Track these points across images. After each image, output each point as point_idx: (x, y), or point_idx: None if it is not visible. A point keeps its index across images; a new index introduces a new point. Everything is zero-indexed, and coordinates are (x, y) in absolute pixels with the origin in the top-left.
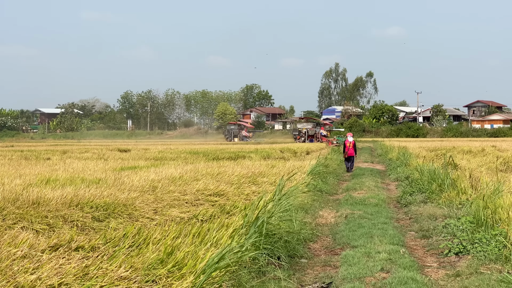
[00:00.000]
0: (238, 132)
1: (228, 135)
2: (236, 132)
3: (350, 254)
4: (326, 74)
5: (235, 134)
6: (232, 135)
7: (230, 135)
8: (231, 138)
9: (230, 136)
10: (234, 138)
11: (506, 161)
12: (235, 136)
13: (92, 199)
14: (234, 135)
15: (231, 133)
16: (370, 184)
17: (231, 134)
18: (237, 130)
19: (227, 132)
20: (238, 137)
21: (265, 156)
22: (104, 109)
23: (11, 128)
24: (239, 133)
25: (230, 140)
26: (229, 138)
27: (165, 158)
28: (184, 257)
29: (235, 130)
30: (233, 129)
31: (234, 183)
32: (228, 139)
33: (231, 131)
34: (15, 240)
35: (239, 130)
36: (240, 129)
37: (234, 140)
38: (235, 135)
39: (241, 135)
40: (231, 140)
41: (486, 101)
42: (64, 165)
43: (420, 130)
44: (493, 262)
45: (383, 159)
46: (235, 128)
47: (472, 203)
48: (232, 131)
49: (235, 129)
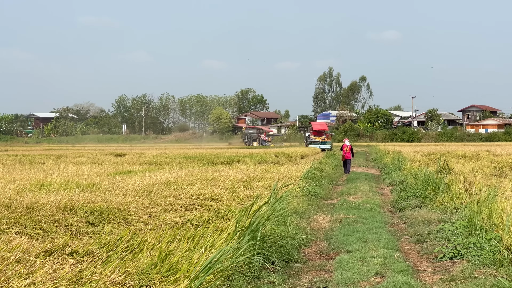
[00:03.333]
0: (257, 136)
1: (247, 139)
2: (255, 136)
3: (344, 259)
4: (320, 79)
5: (254, 139)
6: (251, 139)
7: (248, 140)
8: (250, 142)
9: (249, 140)
10: (253, 142)
11: (501, 165)
12: (253, 140)
13: (87, 203)
14: (253, 139)
15: (250, 137)
16: (365, 189)
17: (249, 138)
18: (255, 134)
19: (245, 137)
20: (257, 141)
21: (260, 160)
22: (98, 114)
23: (6, 133)
24: (257, 137)
25: (248, 144)
26: (247, 143)
27: (159, 163)
28: (178, 262)
29: (253, 134)
30: (251, 133)
31: (229, 187)
32: (246, 143)
33: (249, 135)
34: (9, 245)
35: (257, 134)
36: (259, 133)
37: (253, 144)
38: (253, 139)
39: (260, 139)
40: (250, 144)
41: (481, 106)
42: (58, 169)
43: (415, 134)
44: (487, 266)
45: (377, 164)
46: (253, 132)
47: (467, 208)
48: (251, 135)
49: (254, 133)
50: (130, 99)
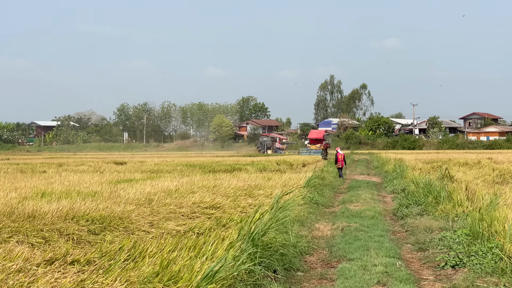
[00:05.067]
0: (271, 144)
1: (261, 147)
2: (270, 144)
3: (346, 267)
4: (322, 87)
5: (269, 146)
6: (265, 147)
7: (263, 147)
8: (264, 150)
9: (263, 148)
10: (267, 150)
11: (502, 173)
12: (268, 148)
13: (88, 212)
14: (267, 147)
15: (264, 145)
16: (366, 197)
17: (264, 146)
18: (270, 142)
19: (259, 144)
20: (272, 149)
21: (261, 168)
22: (100, 122)
23: (7, 141)
24: (272, 145)
25: (263, 152)
26: (262, 150)
27: (161, 171)
28: (180, 271)
29: (268, 142)
30: (266, 141)
31: (230, 195)
32: (260, 151)
33: (264, 143)
34: (10, 254)
35: (272, 142)
36: (273, 141)
37: (268, 152)
38: (268, 147)
39: (274, 147)
40: (264, 152)
41: (482, 113)
42: (60, 178)
43: (416, 142)
44: (489, 275)
45: (379, 172)
46: (268, 140)
47: (468, 216)
48: (265, 143)
49: (268, 141)
50: (132, 107)
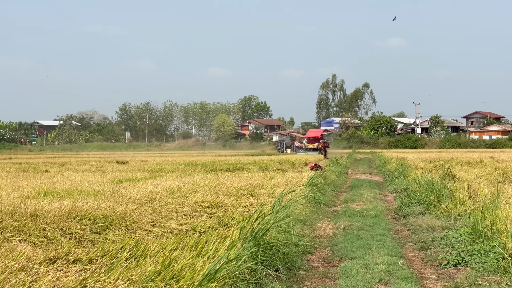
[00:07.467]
0: (290, 143)
1: (280, 146)
2: (289, 143)
3: (348, 266)
4: (323, 86)
5: (288, 145)
6: (284, 146)
7: (282, 146)
8: (283, 149)
9: (282, 147)
10: (286, 149)
11: (505, 172)
12: (287, 147)
13: (90, 211)
14: (286, 146)
15: (283, 144)
16: (369, 196)
17: (283, 145)
18: (289, 141)
19: (278, 143)
20: (291, 148)
21: (263, 167)
22: (102, 121)
23: (9, 141)
24: (291, 144)
25: (282, 151)
26: (280, 149)
27: (163, 170)
28: (182, 269)
29: (287, 141)
30: (285, 140)
31: (232, 195)
32: (279, 150)
33: (283, 142)
34: (13, 252)
35: (291, 141)
36: (292, 140)
37: (287, 151)
38: (287, 146)
39: (294, 146)
40: (283, 151)
41: (484, 112)
42: (62, 177)
43: (418, 141)
44: (491, 273)
45: (381, 171)
46: (287, 139)
47: (471, 215)
48: (285, 142)
49: (288, 140)
50: (134, 106)
